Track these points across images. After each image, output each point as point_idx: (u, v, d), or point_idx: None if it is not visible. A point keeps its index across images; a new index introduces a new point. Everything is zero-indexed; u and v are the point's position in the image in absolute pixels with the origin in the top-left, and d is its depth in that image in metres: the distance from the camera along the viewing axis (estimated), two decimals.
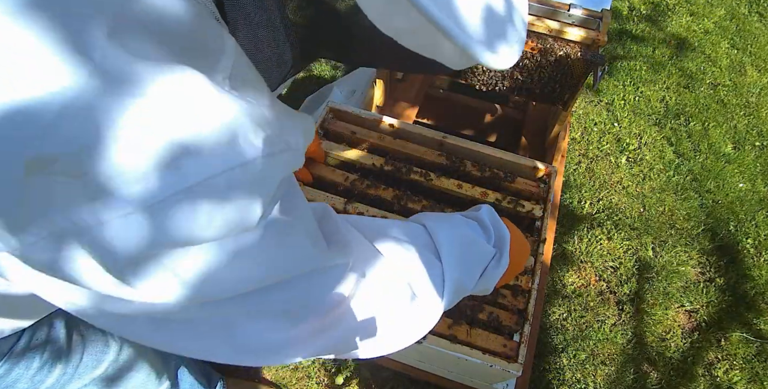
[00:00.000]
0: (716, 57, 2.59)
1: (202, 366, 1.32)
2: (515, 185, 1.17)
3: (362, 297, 0.49)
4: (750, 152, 2.23)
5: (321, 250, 0.44)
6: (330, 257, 0.44)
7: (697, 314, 1.77)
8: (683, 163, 2.15)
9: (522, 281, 1.04)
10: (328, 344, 0.46)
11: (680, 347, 1.70)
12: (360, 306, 0.49)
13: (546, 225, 1.11)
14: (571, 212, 1.95)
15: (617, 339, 1.67)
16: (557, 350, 1.64)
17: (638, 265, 1.84)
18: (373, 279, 0.50)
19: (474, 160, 1.20)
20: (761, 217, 2.01)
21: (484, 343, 0.97)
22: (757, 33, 2.75)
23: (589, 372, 1.61)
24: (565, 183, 2.01)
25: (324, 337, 0.46)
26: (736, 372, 1.65)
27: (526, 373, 1.40)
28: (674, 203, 2.02)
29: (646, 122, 2.28)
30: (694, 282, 1.83)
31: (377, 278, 0.51)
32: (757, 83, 2.51)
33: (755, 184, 2.12)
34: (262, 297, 0.38)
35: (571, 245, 1.86)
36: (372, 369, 1.53)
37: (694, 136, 2.25)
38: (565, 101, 1.43)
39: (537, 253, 1.07)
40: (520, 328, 0.99)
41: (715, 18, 2.80)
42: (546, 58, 1.30)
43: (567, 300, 1.74)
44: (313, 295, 0.43)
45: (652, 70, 2.49)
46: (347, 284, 0.46)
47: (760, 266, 1.88)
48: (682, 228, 1.95)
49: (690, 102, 2.38)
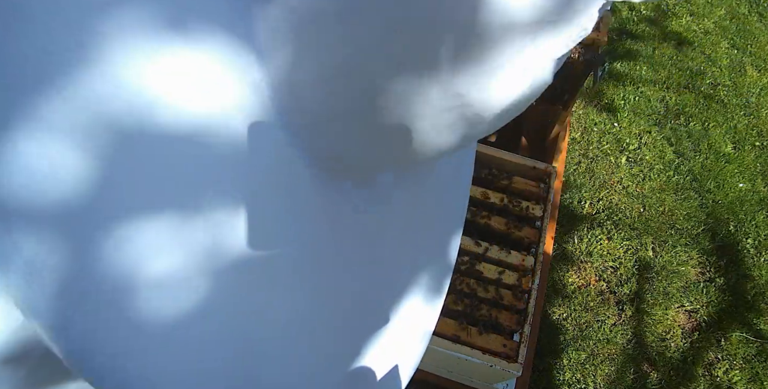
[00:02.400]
0: (716, 57, 2.59)
1: None
2: (515, 185, 1.17)
3: None
4: (750, 152, 2.23)
5: None
6: None
7: (697, 314, 1.77)
8: (683, 163, 2.15)
9: (522, 281, 1.04)
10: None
11: (680, 347, 1.70)
12: None
13: (546, 225, 1.11)
14: (571, 212, 1.95)
15: (617, 339, 1.67)
16: (557, 350, 1.64)
17: (638, 265, 1.84)
18: None
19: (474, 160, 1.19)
20: (761, 217, 2.01)
21: (484, 343, 0.97)
22: (757, 33, 2.75)
23: (589, 372, 1.61)
24: (565, 183, 2.01)
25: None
26: (736, 372, 1.65)
27: (526, 373, 1.40)
28: (674, 203, 2.02)
29: (646, 122, 2.28)
30: (694, 282, 1.83)
31: None
32: (757, 83, 2.51)
33: (755, 184, 2.12)
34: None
35: (571, 245, 1.86)
36: None
37: (694, 136, 2.25)
38: (565, 101, 1.43)
39: (537, 253, 1.07)
40: (520, 328, 0.99)
41: (715, 18, 2.80)
42: None
43: (567, 300, 1.74)
44: None
45: (652, 70, 2.49)
46: None
47: (760, 266, 1.88)
48: (682, 228, 1.95)
49: (690, 102, 2.38)
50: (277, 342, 0.30)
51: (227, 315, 0.26)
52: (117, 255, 0.23)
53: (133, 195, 0.23)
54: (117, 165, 0.23)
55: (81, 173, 0.22)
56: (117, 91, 0.22)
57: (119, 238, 0.23)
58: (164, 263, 0.24)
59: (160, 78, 0.23)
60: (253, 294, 0.28)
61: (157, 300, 0.24)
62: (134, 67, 0.23)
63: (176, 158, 0.24)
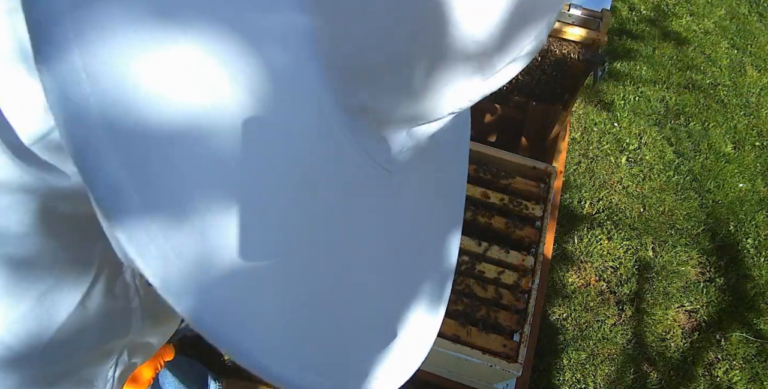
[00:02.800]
0: (716, 57, 2.59)
1: (188, 368, 1.29)
2: (515, 185, 1.17)
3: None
4: (750, 152, 2.23)
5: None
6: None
7: (697, 314, 1.77)
8: (683, 163, 2.15)
9: (522, 281, 1.04)
10: None
11: (680, 347, 1.70)
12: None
13: (546, 225, 1.11)
14: (571, 212, 1.95)
15: (617, 339, 1.67)
16: (557, 350, 1.64)
17: (638, 265, 1.84)
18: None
19: (474, 160, 1.20)
20: (761, 217, 2.01)
21: (484, 343, 0.97)
22: (757, 33, 2.75)
23: (589, 372, 1.61)
24: (565, 183, 2.01)
25: None
26: (736, 372, 1.65)
27: (526, 373, 1.40)
28: (674, 203, 2.02)
29: (646, 122, 2.28)
30: (694, 282, 1.83)
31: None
32: (757, 83, 2.51)
33: (755, 184, 2.12)
34: None
35: (571, 245, 1.86)
36: None
37: (694, 136, 2.25)
38: (565, 101, 1.43)
39: (537, 253, 1.07)
40: (520, 328, 0.99)
41: (715, 18, 2.80)
42: (546, 58, 1.30)
43: (567, 300, 1.74)
44: None
45: (652, 70, 2.49)
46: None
47: (760, 266, 1.88)
48: (682, 228, 1.95)
49: (690, 102, 2.38)
50: (359, 278, 0.33)
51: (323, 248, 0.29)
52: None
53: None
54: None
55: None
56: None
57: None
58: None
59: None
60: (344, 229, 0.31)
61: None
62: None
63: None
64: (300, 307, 0.28)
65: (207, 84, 0.22)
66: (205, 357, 1.51)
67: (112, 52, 0.19)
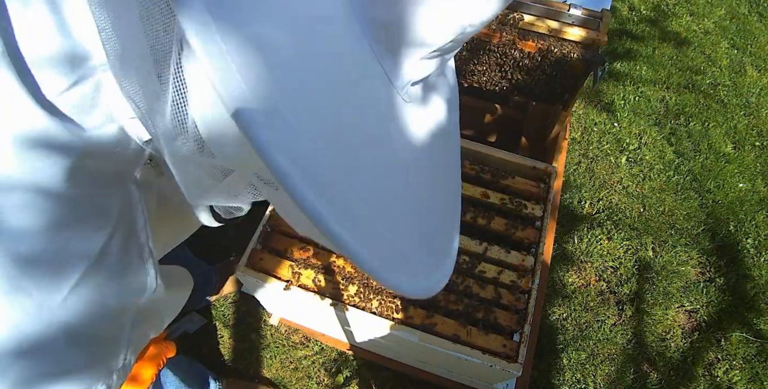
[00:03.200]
0: (716, 57, 2.59)
1: (188, 368, 1.28)
2: (515, 185, 1.17)
3: None
4: (750, 152, 2.23)
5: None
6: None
7: (697, 314, 1.77)
8: (683, 163, 2.15)
9: (522, 281, 1.04)
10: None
11: (680, 347, 1.70)
12: None
13: (546, 225, 1.11)
14: (571, 212, 1.95)
15: (617, 339, 1.67)
16: (557, 350, 1.64)
17: (638, 265, 1.84)
18: None
19: (474, 160, 1.20)
20: (761, 217, 2.01)
21: (484, 343, 0.97)
22: (757, 33, 2.75)
23: (589, 372, 1.61)
24: (565, 183, 2.01)
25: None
26: (736, 372, 1.65)
27: (526, 373, 1.40)
28: (674, 203, 2.02)
29: (646, 122, 2.28)
30: (694, 282, 1.83)
31: None
32: (757, 83, 2.51)
33: (755, 184, 2.12)
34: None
35: (571, 245, 1.86)
36: (372, 369, 1.53)
37: (694, 136, 2.25)
38: (565, 101, 1.43)
39: (537, 253, 1.07)
40: (520, 328, 0.99)
41: (715, 18, 2.80)
42: (546, 58, 1.30)
43: (567, 300, 1.74)
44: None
45: (652, 70, 2.49)
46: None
47: (760, 266, 1.88)
48: (682, 228, 1.95)
49: (690, 102, 2.38)
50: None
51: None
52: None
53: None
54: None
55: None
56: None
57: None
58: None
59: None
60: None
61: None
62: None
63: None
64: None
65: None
66: (205, 357, 1.51)
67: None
